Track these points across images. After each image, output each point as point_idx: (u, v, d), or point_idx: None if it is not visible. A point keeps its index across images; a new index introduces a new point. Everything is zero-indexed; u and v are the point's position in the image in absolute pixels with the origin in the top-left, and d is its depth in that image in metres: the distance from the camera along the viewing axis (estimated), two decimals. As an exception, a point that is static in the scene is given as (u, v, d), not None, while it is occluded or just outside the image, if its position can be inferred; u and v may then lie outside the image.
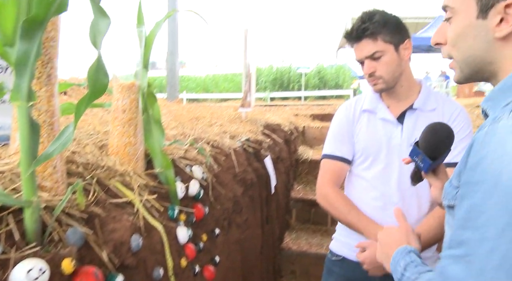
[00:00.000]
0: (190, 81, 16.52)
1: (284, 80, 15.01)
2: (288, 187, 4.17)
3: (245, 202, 2.10)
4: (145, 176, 1.22)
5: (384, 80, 1.52)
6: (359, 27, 1.49)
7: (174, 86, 6.86)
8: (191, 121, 3.18)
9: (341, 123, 1.67)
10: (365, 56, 1.51)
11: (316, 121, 6.41)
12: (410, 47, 1.54)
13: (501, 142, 0.65)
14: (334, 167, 1.65)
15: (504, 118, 0.67)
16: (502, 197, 0.63)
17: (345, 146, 1.64)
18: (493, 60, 0.77)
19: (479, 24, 0.76)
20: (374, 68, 1.50)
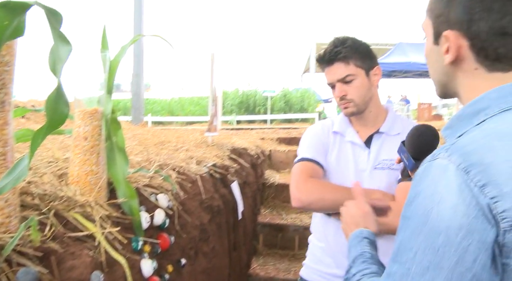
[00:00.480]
0: (155, 104, 16.31)
1: (250, 103, 15.09)
2: (255, 211, 4.13)
3: (212, 229, 2.04)
4: (107, 207, 1.16)
5: (355, 104, 1.54)
6: (332, 51, 1.52)
7: (139, 109, 6.74)
8: (157, 146, 3.11)
9: (317, 136, 1.66)
10: (337, 79, 1.53)
11: (283, 144, 6.44)
12: (379, 73, 1.59)
13: (433, 180, 0.67)
14: (311, 166, 1.58)
15: (440, 157, 0.68)
16: (429, 235, 0.64)
17: (321, 156, 1.61)
18: (452, 82, 0.80)
19: (435, 49, 0.80)
20: (346, 92, 1.53)
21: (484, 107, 0.72)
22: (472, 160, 0.64)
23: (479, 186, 0.62)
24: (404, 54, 14.74)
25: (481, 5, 0.69)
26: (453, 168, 0.65)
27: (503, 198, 0.61)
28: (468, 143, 0.67)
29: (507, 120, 0.69)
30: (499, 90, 0.71)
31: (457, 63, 0.76)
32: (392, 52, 15.03)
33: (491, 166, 0.63)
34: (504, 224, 0.61)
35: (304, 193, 1.49)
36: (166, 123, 14.00)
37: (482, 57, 0.73)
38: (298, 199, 1.50)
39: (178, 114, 15.60)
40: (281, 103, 15.06)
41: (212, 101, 3.68)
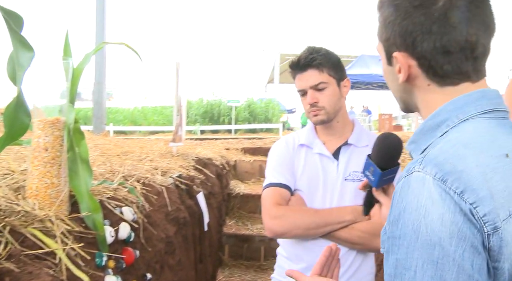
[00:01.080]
0: (118, 113, 15.91)
1: (214, 113, 15.00)
2: (220, 222, 4.08)
3: (178, 242, 1.99)
4: (69, 221, 1.10)
5: (326, 111, 1.54)
6: (307, 57, 1.52)
7: (100, 118, 6.56)
8: (120, 157, 3.02)
9: (282, 155, 1.65)
10: (310, 86, 1.53)
11: (247, 155, 6.42)
12: (348, 85, 1.61)
13: (414, 194, 0.68)
14: (279, 192, 1.57)
15: (416, 170, 0.70)
16: (424, 249, 0.65)
17: (287, 176, 1.60)
18: (412, 99, 0.84)
19: (390, 70, 0.84)
20: (317, 99, 1.53)
21: (444, 119, 0.76)
22: (446, 169, 0.66)
23: (458, 193, 0.64)
24: (366, 66, 15.16)
25: (421, 28, 0.73)
26: (430, 179, 0.67)
27: (482, 203, 0.64)
28: (438, 154, 0.70)
29: (467, 130, 0.73)
30: (454, 102, 0.75)
31: (411, 81, 0.80)
32: (354, 64, 15.43)
33: (464, 173, 0.66)
34: (487, 228, 0.64)
35: (276, 223, 1.48)
36: (128, 132, 13.70)
37: (431, 75, 0.77)
38: (271, 230, 1.50)
39: (141, 124, 15.30)
40: (246, 113, 15.08)
41: (177, 110, 3.62)
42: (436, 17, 0.72)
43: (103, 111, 6.52)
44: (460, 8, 0.71)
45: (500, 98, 0.76)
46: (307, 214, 1.49)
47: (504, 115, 0.75)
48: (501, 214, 0.64)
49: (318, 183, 1.57)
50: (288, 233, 1.48)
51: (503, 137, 0.71)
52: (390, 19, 0.77)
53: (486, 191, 0.64)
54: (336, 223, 1.47)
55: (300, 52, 1.56)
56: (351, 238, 1.46)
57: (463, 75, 0.75)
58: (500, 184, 0.65)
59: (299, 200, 1.56)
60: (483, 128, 0.72)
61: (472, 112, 0.73)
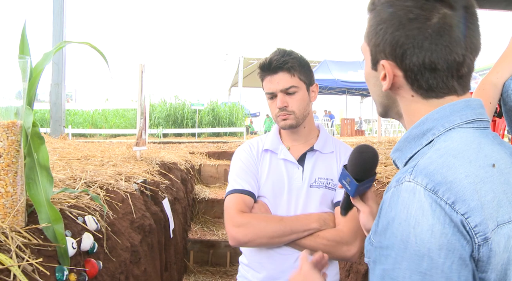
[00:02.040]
0: (77, 116, 15.40)
1: (178, 116, 14.79)
2: (185, 228, 4.00)
3: (143, 250, 1.91)
4: (26, 233, 1.01)
5: (295, 116, 1.51)
6: (279, 60, 1.48)
7: (58, 121, 6.29)
8: (80, 161, 2.90)
9: (245, 160, 1.60)
10: (281, 89, 1.49)
11: (212, 159, 6.35)
12: (316, 90, 1.59)
13: (405, 204, 0.67)
14: (242, 199, 1.51)
15: (406, 180, 0.69)
16: (412, 260, 0.64)
17: (251, 182, 1.56)
18: (394, 106, 0.83)
19: (374, 74, 0.83)
20: (287, 103, 1.50)
21: (429, 127, 0.75)
22: (437, 179, 0.66)
23: (449, 204, 0.64)
24: (329, 71, 15.43)
25: (413, 41, 0.73)
26: (422, 190, 0.66)
27: (473, 213, 0.63)
28: (428, 164, 0.69)
29: (455, 138, 0.72)
30: (440, 111, 0.75)
31: (394, 89, 0.79)
32: (317, 69, 15.66)
33: (455, 184, 0.65)
34: (478, 239, 0.63)
35: (240, 232, 1.43)
36: (88, 135, 13.29)
37: (416, 87, 0.77)
38: (235, 239, 1.44)
39: (102, 127, 14.88)
40: (210, 116, 14.96)
41: (141, 114, 3.52)
42: (429, 34, 0.72)
43: (62, 113, 6.26)
44: (453, 28, 0.71)
45: (482, 108, 0.77)
46: (272, 222, 1.44)
47: (486, 125, 0.76)
48: (490, 224, 0.64)
49: (283, 190, 1.54)
50: (252, 242, 1.43)
51: (488, 147, 0.71)
52: (383, 27, 0.76)
53: (477, 202, 0.64)
54: (301, 231, 1.44)
55: (271, 54, 1.52)
56: (316, 246, 1.43)
57: (448, 89, 0.75)
58: (488, 194, 0.65)
59: (263, 207, 1.53)
60: (468, 137, 0.72)
61: (457, 121, 0.74)
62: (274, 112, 1.55)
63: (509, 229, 0.65)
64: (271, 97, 1.54)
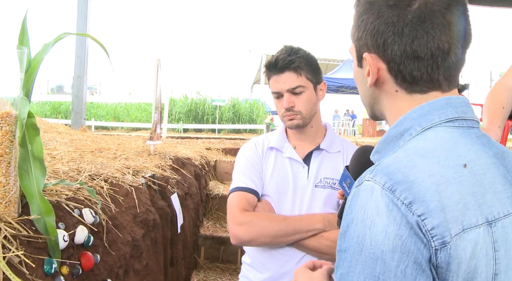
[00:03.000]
0: (100, 108, 15.71)
1: (198, 112, 14.89)
2: (197, 224, 4.00)
3: (146, 245, 1.91)
4: (17, 225, 1.01)
5: (302, 116, 1.48)
6: (285, 59, 1.45)
7: (79, 113, 6.39)
8: (93, 154, 2.92)
9: (250, 158, 1.57)
10: (287, 89, 1.46)
11: (228, 155, 6.35)
12: (324, 89, 1.56)
13: (362, 205, 0.64)
14: (246, 197, 1.49)
15: (365, 179, 0.66)
16: (367, 263, 0.61)
17: (255, 180, 1.53)
18: (378, 106, 0.80)
19: (360, 71, 0.79)
20: (294, 103, 1.47)
21: (407, 128, 0.72)
22: (397, 178, 0.62)
23: (406, 204, 0.60)
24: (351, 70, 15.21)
25: (393, 29, 0.69)
26: (379, 189, 0.62)
27: (431, 215, 0.59)
28: (392, 163, 0.66)
29: (428, 138, 0.68)
30: (418, 110, 0.71)
31: (379, 85, 0.76)
32: (340, 68, 15.51)
33: (416, 184, 0.61)
34: (435, 243, 0.59)
35: (242, 230, 1.40)
36: (110, 128, 13.51)
37: (400, 80, 0.73)
38: (236, 237, 1.42)
39: (124, 120, 15.12)
40: (230, 113, 15.02)
41: (155, 108, 3.53)
42: (409, 20, 0.68)
43: (83, 106, 6.36)
44: (435, 14, 0.67)
45: (467, 106, 0.72)
46: (275, 221, 1.41)
47: (471, 124, 0.71)
48: (453, 228, 0.59)
49: (288, 189, 1.51)
50: (254, 241, 1.40)
51: (465, 147, 0.66)
52: (363, 18, 0.73)
53: (437, 203, 0.60)
54: (305, 231, 1.40)
55: (277, 52, 1.48)
56: (320, 247, 1.40)
57: (433, 83, 0.71)
58: (454, 196, 0.61)
59: (267, 206, 1.50)
60: (444, 137, 0.68)
61: (435, 120, 0.69)
62: (280, 111, 1.52)
63: (476, 234, 0.60)
64: (277, 97, 1.51)
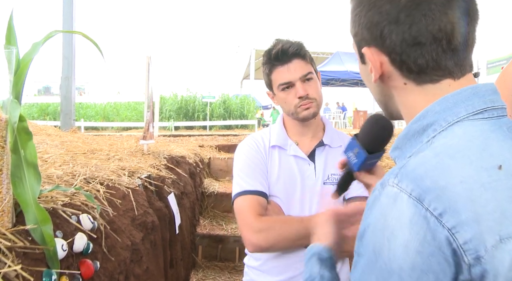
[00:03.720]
0: (89, 109, 15.52)
1: (189, 109, 14.79)
2: (193, 222, 3.95)
3: (145, 249, 1.86)
4: (12, 235, 0.95)
5: (317, 103, 1.43)
6: (292, 46, 1.40)
7: (68, 114, 6.28)
8: (86, 155, 2.85)
9: (253, 158, 1.48)
10: (299, 77, 1.40)
11: (222, 152, 6.29)
12: (320, 79, 1.51)
13: (383, 212, 0.59)
14: (257, 200, 1.39)
15: (389, 184, 0.60)
16: (381, 275, 0.57)
17: (262, 181, 1.44)
18: (391, 102, 0.74)
19: (364, 68, 0.75)
20: (307, 91, 1.40)
21: (430, 122, 0.65)
22: (425, 185, 0.56)
23: (435, 216, 0.54)
24: (341, 62, 15.25)
25: (388, 17, 0.64)
26: (405, 197, 0.56)
27: (463, 228, 0.53)
28: (418, 165, 0.59)
29: (457, 134, 0.62)
30: (442, 102, 0.65)
31: (385, 80, 0.70)
32: (329, 61, 15.50)
33: (446, 190, 0.55)
34: (468, 258, 0.53)
35: (261, 237, 1.30)
36: (100, 128, 13.36)
37: (406, 71, 0.67)
38: (255, 245, 1.32)
39: (113, 120, 14.96)
40: (221, 109, 14.94)
41: (147, 106, 3.46)
42: (403, 5, 0.63)
43: (72, 107, 6.25)
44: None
45: (495, 94, 0.66)
46: (293, 224, 1.33)
47: (501, 113, 0.64)
48: (489, 239, 0.53)
49: (296, 188, 1.45)
50: (274, 247, 1.32)
51: (497, 144, 0.59)
52: (357, 11, 0.68)
53: (471, 213, 0.53)
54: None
55: (277, 44, 1.43)
56: None
57: (442, 70, 0.65)
58: (490, 203, 0.54)
59: (276, 208, 1.43)
60: (474, 132, 0.61)
61: (462, 114, 0.63)
62: (292, 103, 1.42)
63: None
64: (286, 87, 1.42)
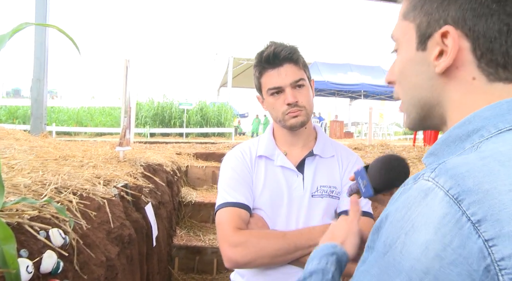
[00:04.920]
0: (62, 113, 15.06)
1: (165, 116, 14.54)
2: (170, 233, 3.80)
3: (121, 264, 1.72)
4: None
5: (306, 112, 1.35)
6: (284, 50, 1.32)
7: (39, 118, 6.01)
8: (58, 162, 2.69)
9: (238, 169, 1.41)
10: (290, 82, 1.32)
11: (200, 160, 6.15)
12: (313, 86, 1.43)
13: (408, 203, 0.50)
14: (238, 213, 1.32)
15: (424, 177, 0.51)
16: (386, 271, 0.50)
17: (246, 194, 1.37)
18: (439, 101, 0.64)
19: (420, 57, 0.63)
20: (297, 97, 1.33)
21: (477, 127, 0.57)
22: (466, 185, 0.47)
23: (473, 222, 0.45)
24: (319, 72, 15.37)
25: (488, 2, 0.55)
26: (441, 194, 0.48)
27: (503, 241, 0.44)
28: (461, 164, 0.50)
29: (508, 141, 0.53)
30: (494, 107, 0.57)
31: (452, 70, 0.60)
32: (310, 69, 15.57)
33: (491, 195, 0.46)
34: (504, 278, 0.44)
35: (238, 252, 1.23)
36: (73, 133, 12.98)
37: (484, 63, 0.58)
38: (232, 260, 1.24)
39: (87, 125, 14.58)
40: (198, 116, 14.76)
41: (125, 112, 3.31)
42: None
43: (43, 110, 5.99)
44: None
45: None
46: (273, 239, 1.25)
47: None
48: None
49: (282, 201, 1.36)
50: (252, 263, 1.24)
51: None
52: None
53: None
54: (306, 247, 1.24)
55: (269, 46, 1.34)
56: None
57: None
58: None
59: (260, 222, 1.34)
60: None
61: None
62: (280, 109, 1.35)
63: None
64: (276, 92, 1.34)
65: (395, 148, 5.97)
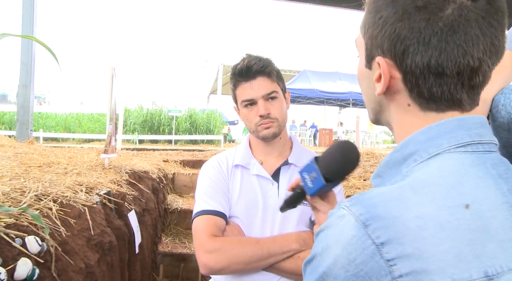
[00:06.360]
0: (49, 119, 14.94)
1: (154, 122, 14.49)
2: (155, 240, 3.79)
3: (101, 271, 1.72)
4: None
5: (278, 124, 1.40)
6: (257, 64, 1.37)
7: (25, 124, 5.97)
8: (41, 169, 2.69)
9: (214, 177, 1.45)
10: (262, 95, 1.37)
11: (187, 167, 6.15)
12: (289, 98, 1.48)
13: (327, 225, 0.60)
14: (213, 221, 1.35)
15: (342, 206, 0.59)
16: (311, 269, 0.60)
17: (222, 202, 1.40)
18: (386, 115, 0.69)
19: (367, 74, 0.69)
20: (269, 110, 1.38)
21: (411, 152, 0.62)
22: (375, 212, 0.53)
23: (376, 244, 0.51)
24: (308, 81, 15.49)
25: (418, 36, 0.58)
26: (351, 219, 0.54)
27: (403, 261, 0.50)
28: (378, 195, 0.56)
29: (430, 168, 0.58)
30: (426, 132, 0.61)
31: (389, 94, 0.65)
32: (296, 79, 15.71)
33: (398, 221, 0.52)
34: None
35: (212, 258, 1.27)
36: (61, 140, 12.89)
37: (415, 94, 0.62)
38: (206, 266, 1.28)
39: (75, 131, 14.47)
40: (187, 123, 14.73)
41: (110, 119, 3.32)
42: (439, 28, 0.57)
43: (29, 116, 5.95)
44: (470, 23, 0.56)
45: (483, 128, 0.62)
46: (247, 246, 1.28)
47: (488, 148, 0.60)
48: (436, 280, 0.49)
49: (257, 209, 1.40)
50: (226, 269, 1.27)
51: (472, 181, 0.56)
52: (383, 15, 0.61)
53: (416, 250, 0.50)
54: (280, 253, 1.28)
55: (244, 59, 1.40)
56: (297, 269, 1.29)
57: (453, 102, 0.61)
58: (444, 243, 0.50)
59: (235, 229, 1.38)
60: (451, 167, 0.57)
61: (444, 146, 0.59)
62: (253, 121, 1.40)
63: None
64: (249, 104, 1.40)
65: (380, 157, 6.03)
